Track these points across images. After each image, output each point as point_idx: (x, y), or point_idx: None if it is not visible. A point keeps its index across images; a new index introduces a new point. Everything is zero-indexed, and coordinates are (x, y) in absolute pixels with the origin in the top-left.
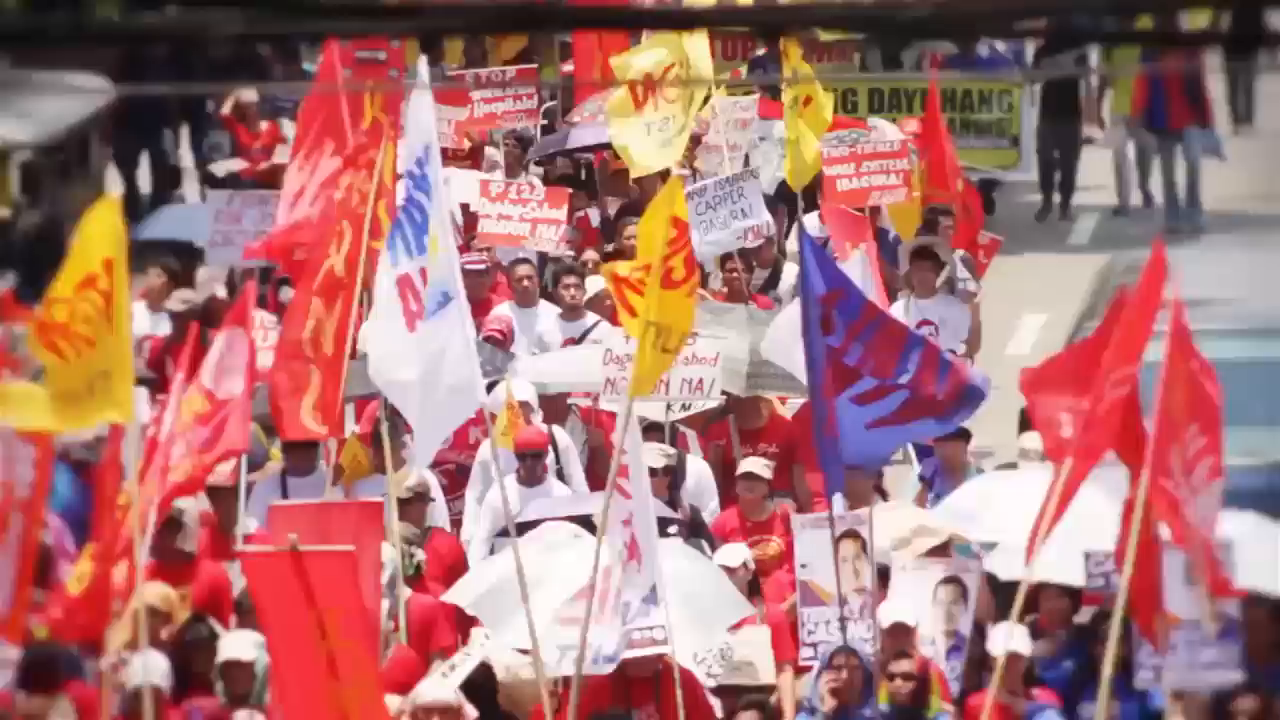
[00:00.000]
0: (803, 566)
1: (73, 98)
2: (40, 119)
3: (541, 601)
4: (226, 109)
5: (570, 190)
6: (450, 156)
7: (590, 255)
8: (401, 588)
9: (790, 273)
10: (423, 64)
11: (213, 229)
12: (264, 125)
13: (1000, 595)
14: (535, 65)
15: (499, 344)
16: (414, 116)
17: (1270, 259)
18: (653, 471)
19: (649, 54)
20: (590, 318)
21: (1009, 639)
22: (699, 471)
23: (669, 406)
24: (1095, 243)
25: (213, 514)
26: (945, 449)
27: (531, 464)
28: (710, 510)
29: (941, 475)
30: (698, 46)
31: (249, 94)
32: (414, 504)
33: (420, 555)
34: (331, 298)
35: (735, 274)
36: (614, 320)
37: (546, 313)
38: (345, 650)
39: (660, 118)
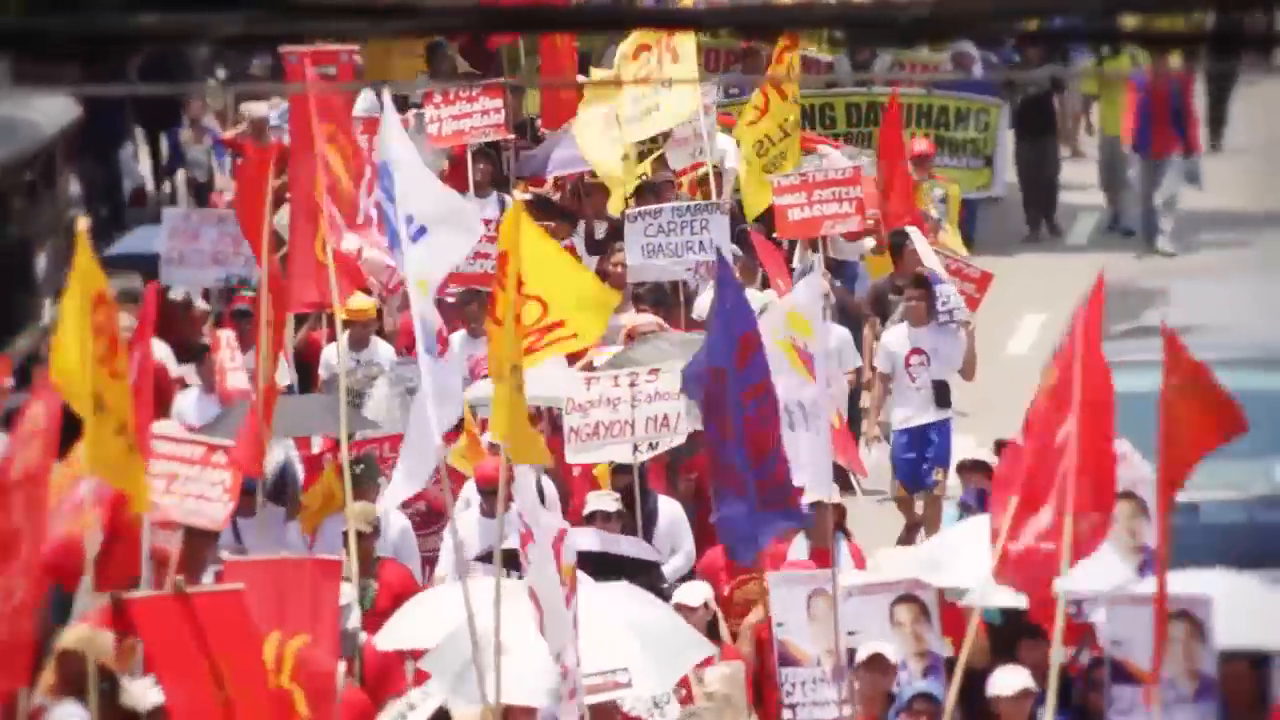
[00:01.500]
0: (779, 625)
1: (40, 114)
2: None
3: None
4: (239, 130)
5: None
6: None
7: None
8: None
9: (761, 300)
10: (387, 97)
11: (168, 246)
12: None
13: (995, 638)
14: (501, 80)
15: None
16: (387, 145)
17: (1253, 286)
18: (605, 516)
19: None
20: None
21: (1014, 679)
22: (671, 513)
23: (636, 447)
24: (1093, 242)
25: (181, 554)
26: (981, 483)
27: (492, 497)
28: (685, 552)
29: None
30: (684, 43)
31: (260, 109)
32: (368, 537)
33: (373, 586)
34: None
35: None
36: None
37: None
38: (245, 696)
39: (631, 100)
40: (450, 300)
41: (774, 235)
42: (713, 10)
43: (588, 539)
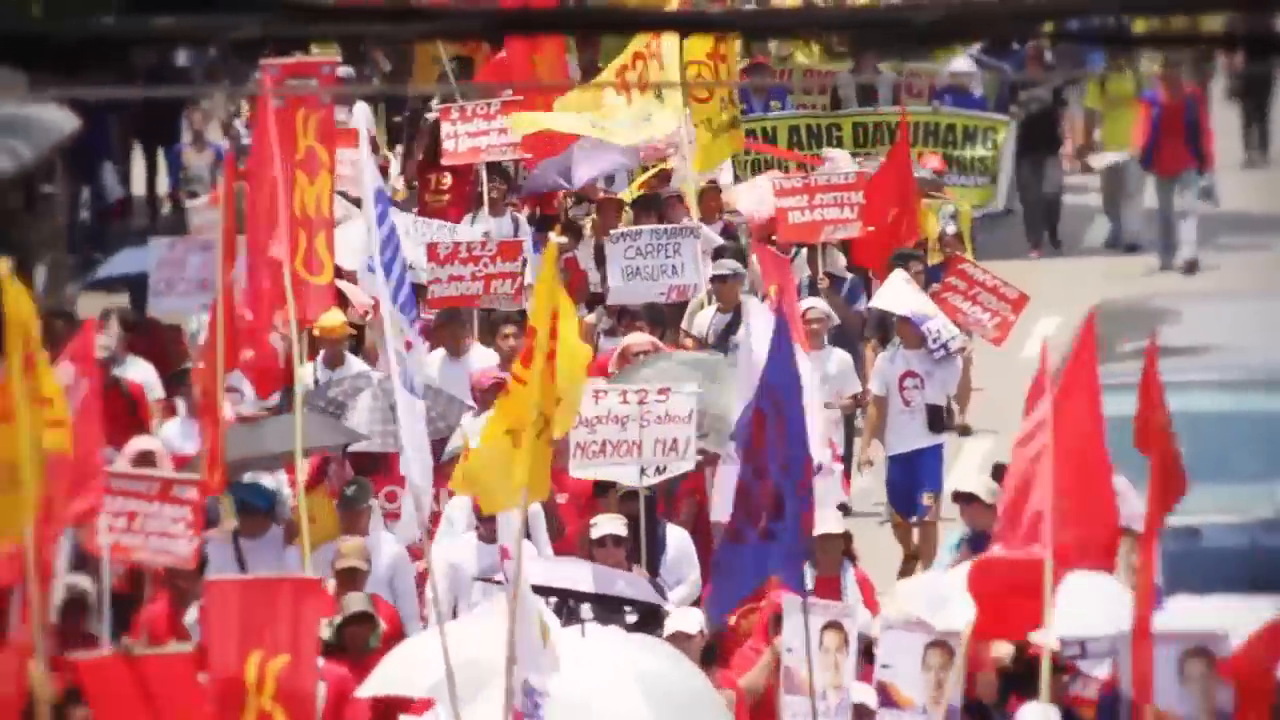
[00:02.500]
0: (788, 651)
1: (35, 129)
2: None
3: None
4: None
5: (522, 242)
6: (433, 190)
7: None
8: None
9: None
10: (360, 110)
11: (155, 277)
12: None
13: (1003, 676)
14: (521, 99)
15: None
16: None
17: (1259, 307)
18: (617, 540)
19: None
20: None
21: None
22: (678, 541)
23: (643, 471)
24: (1109, 245)
25: (168, 593)
26: (974, 516)
27: (490, 522)
28: (691, 581)
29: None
30: (666, 45)
31: None
32: (353, 577)
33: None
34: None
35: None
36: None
37: (480, 359)
38: None
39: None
40: (428, 319)
41: (773, 239)
42: (726, 13)
43: (581, 576)
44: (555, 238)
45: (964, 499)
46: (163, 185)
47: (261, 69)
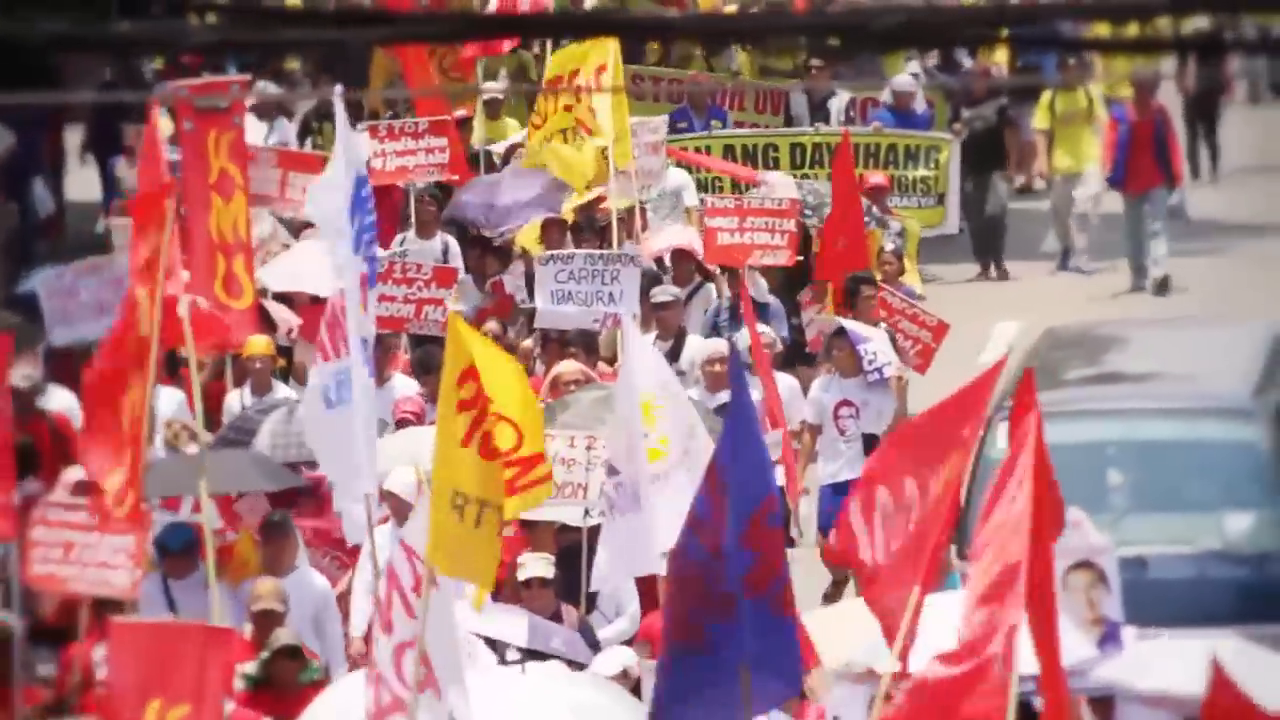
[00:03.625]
0: None
1: None
2: None
3: None
4: None
5: (457, 270)
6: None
7: (490, 326)
8: None
9: (693, 346)
10: (341, 117)
11: (48, 307)
12: None
13: None
14: (451, 118)
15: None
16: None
17: (1209, 333)
18: (543, 583)
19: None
20: None
21: None
22: None
23: (587, 512)
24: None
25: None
26: None
27: None
28: (630, 614)
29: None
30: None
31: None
32: (269, 619)
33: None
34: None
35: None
36: None
37: (404, 387)
38: None
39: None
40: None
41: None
42: (686, 17)
43: (516, 629)
44: (452, 306)
45: None
46: None
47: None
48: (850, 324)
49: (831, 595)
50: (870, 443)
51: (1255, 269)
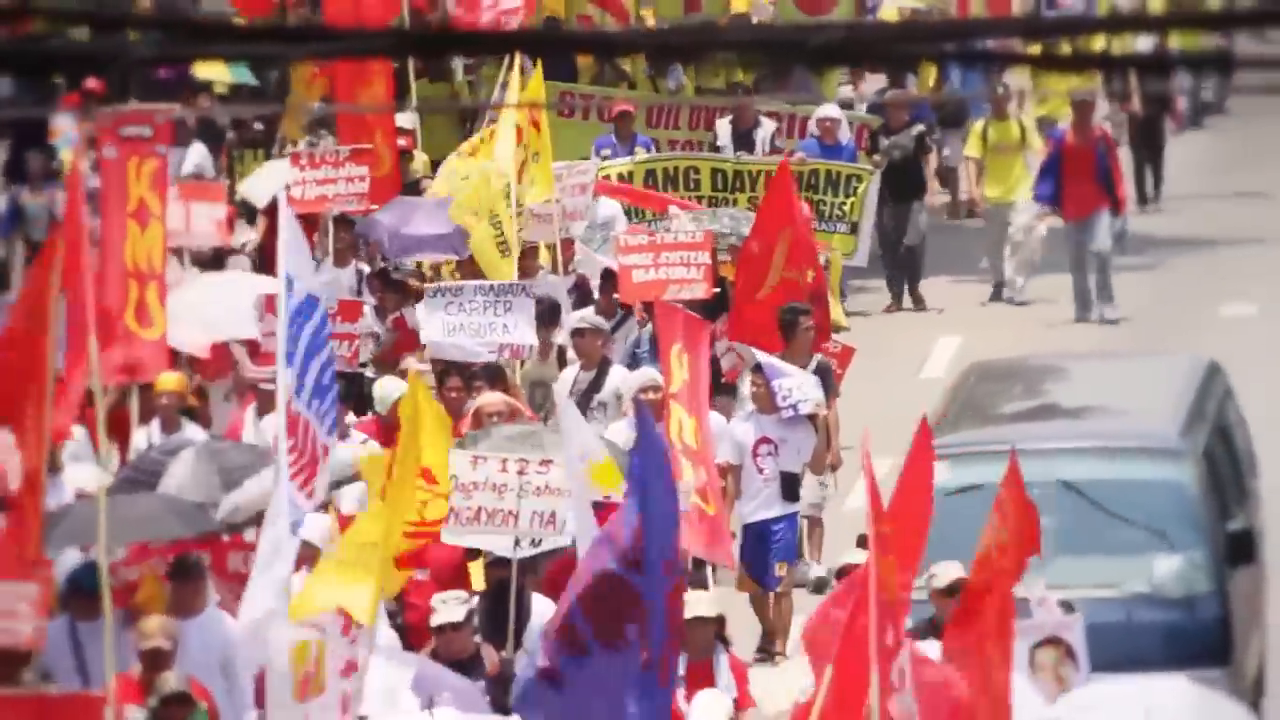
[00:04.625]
0: None
1: None
2: None
3: None
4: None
5: (363, 303)
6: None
7: (411, 363)
8: None
9: (616, 375)
10: (286, 212)
11: None
12: None
13: None
14: (371, 146)
15: None
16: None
17: (1141, 367)
18: (455, 627)
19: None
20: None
21: None
22: (545, 611)
23: (517, 542)
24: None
25: None
26: None
27: None
28: None
29: None
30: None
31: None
32: (157, 658)
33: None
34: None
35: (454, 393)
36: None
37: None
38: None
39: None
40: (268, 386)
41: (616, 298)
42: (627, 32)
43: (400, 679)
44: (416, 363)
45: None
46: None
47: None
48: (766, 359)
49: (763, 647)
50: (788, 481)
51: (1193, 291)
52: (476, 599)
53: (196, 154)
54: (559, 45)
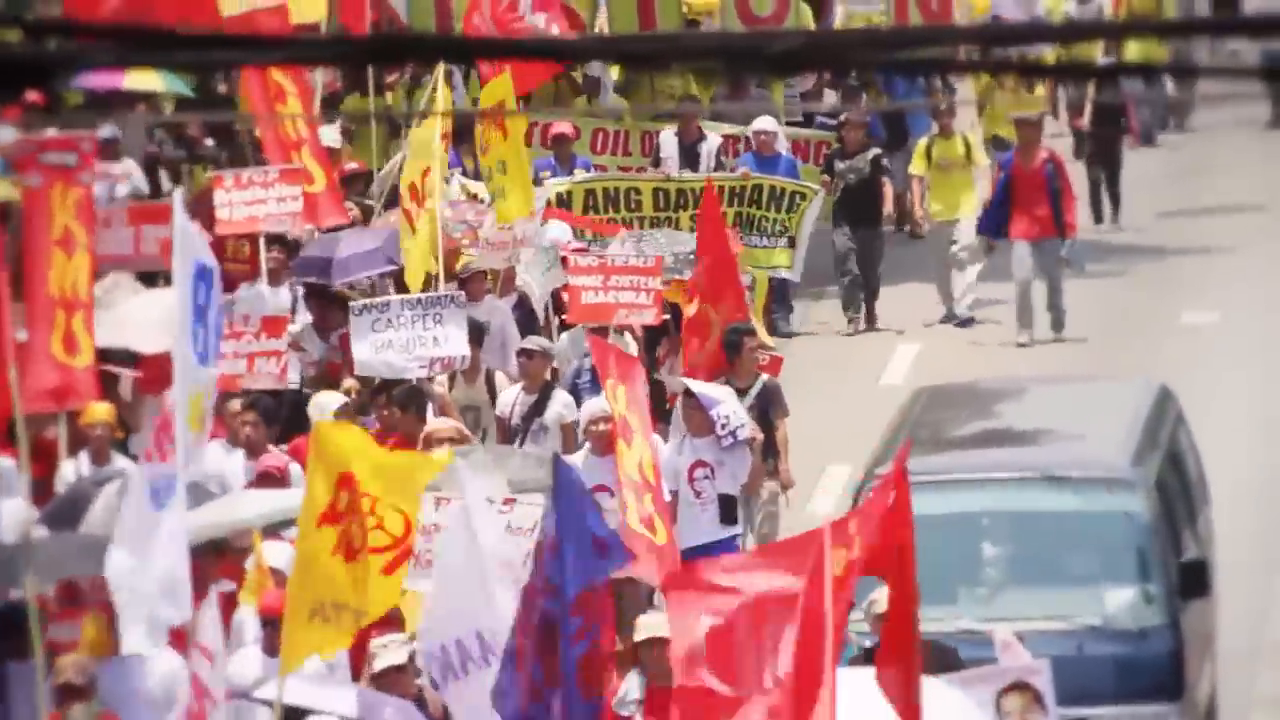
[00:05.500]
0: None
1: None
2: None
3: None
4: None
5: (286, 318)
6: (231, 258)
7: (351, 383)
8: None
9: (559, 400)
10: (181, 216)
11: None
12: None
13: None
14: (300, 166)
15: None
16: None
17: (1096, 391)
18: (398, 669)
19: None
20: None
21: None
22: None
23: None
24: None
25: None
26: None
27: (272, 632)
28: None
29: None
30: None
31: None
32: (73, 693)
33: None
34: None
35: (386, 411)
36: None
37: (215, 452)
38: None
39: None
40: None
41: (563, 317)
42: (588, 39)
43: (344, 700)
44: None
45: None
46: None
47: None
48: (698, 386)
49: None
50: (726, 504)
51: (1154, 299)
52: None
53: (131, 178)
54: (518, 53)
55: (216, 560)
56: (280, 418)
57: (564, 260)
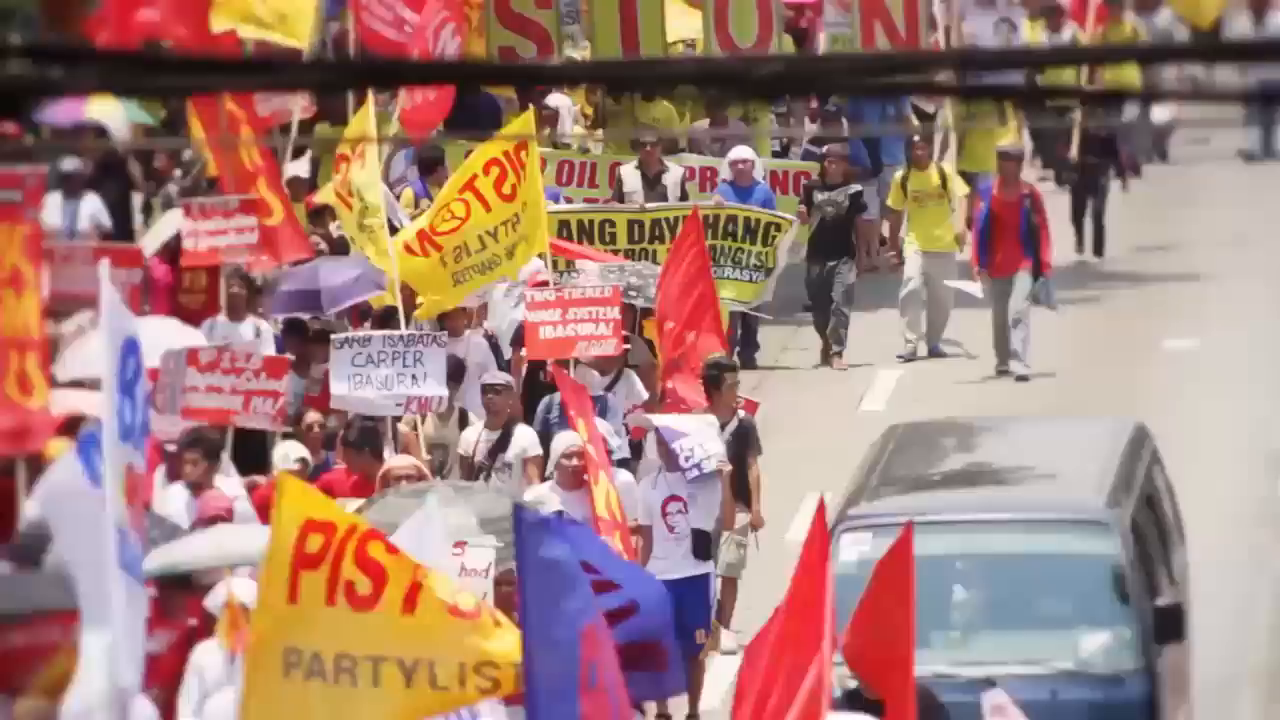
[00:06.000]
0: None
1: None
2: None
3: None
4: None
5: (288, 359)
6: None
7: (314, 417)
8: None
9: (523, 436)
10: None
11: None
12: None
13: None
14: (256, 196)
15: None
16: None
17: (1070, 430)
18: None
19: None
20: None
21: None
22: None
23: None
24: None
25: None
26: None
27: None
28: None
29: None
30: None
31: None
32: None
33: None
34: None
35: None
36: None
37: (177, 494)
38: None
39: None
40: (170, 449)
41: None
42: (574, 65)
43: None
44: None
45: None
46: None
47: None
48: (662, 420)
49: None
50: (700, 539)
51: (1135, 326)
52: None
53: (91, 205)
54: (504, 78)
55: (183, 596)
56: (219, 454)
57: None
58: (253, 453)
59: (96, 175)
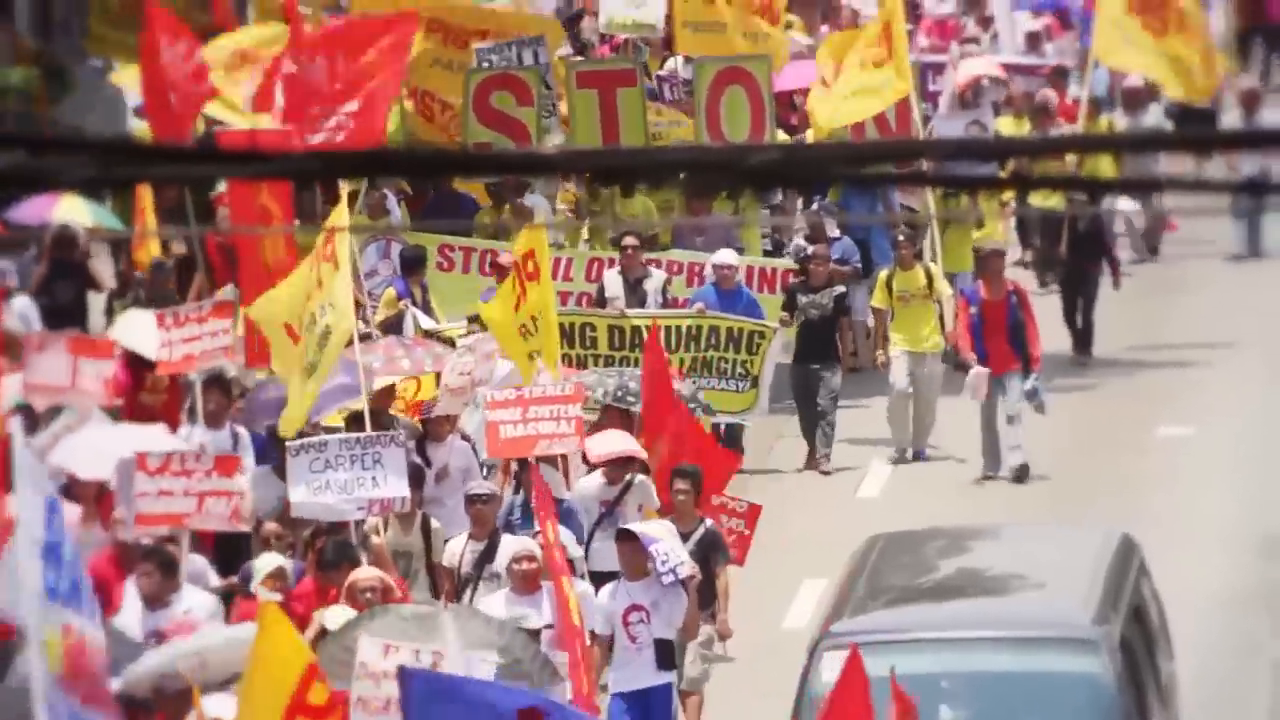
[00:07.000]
0: None
1: None
2: None
3: None
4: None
5: (240, 458)
6: (148, 389)
7: (269, 528)
8: None
9: (509, 545)
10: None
11: None
12: None
13: None
14: (231, 300)
15: None
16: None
17: (1052, 539)
18: None
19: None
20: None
21: None
22: None
23: None
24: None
25: None
26: None
27: None
28: None
29: None
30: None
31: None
32: None
33: None
34: None
35: (317, 561)
36: None
37: (131, 607)
38: None
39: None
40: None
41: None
42: (566, 153)
43: None
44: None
45: None
46: None
47: None
48: (636, 526)
49: None
50: (663, 649)
51: (1129, 414)
52: None
53: (20, 303)
54: (492, 167)
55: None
56: (174, 568)
57: None
58: (234, 549)
59: (51, 275)
